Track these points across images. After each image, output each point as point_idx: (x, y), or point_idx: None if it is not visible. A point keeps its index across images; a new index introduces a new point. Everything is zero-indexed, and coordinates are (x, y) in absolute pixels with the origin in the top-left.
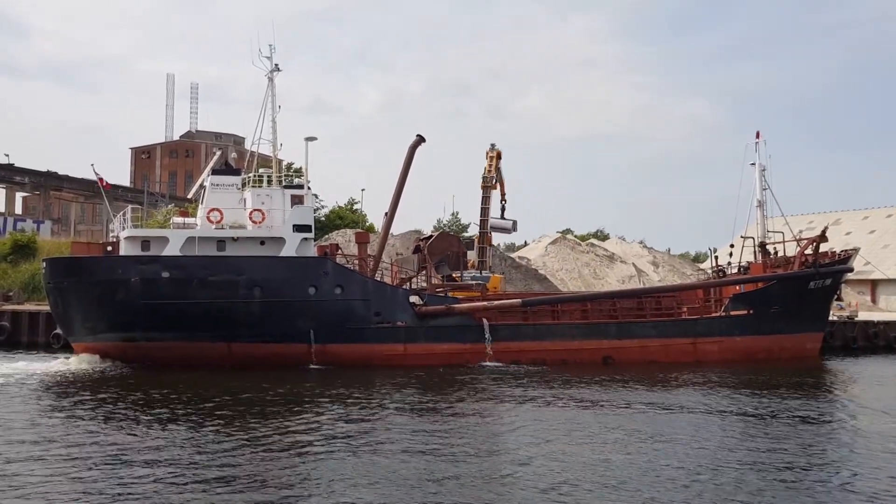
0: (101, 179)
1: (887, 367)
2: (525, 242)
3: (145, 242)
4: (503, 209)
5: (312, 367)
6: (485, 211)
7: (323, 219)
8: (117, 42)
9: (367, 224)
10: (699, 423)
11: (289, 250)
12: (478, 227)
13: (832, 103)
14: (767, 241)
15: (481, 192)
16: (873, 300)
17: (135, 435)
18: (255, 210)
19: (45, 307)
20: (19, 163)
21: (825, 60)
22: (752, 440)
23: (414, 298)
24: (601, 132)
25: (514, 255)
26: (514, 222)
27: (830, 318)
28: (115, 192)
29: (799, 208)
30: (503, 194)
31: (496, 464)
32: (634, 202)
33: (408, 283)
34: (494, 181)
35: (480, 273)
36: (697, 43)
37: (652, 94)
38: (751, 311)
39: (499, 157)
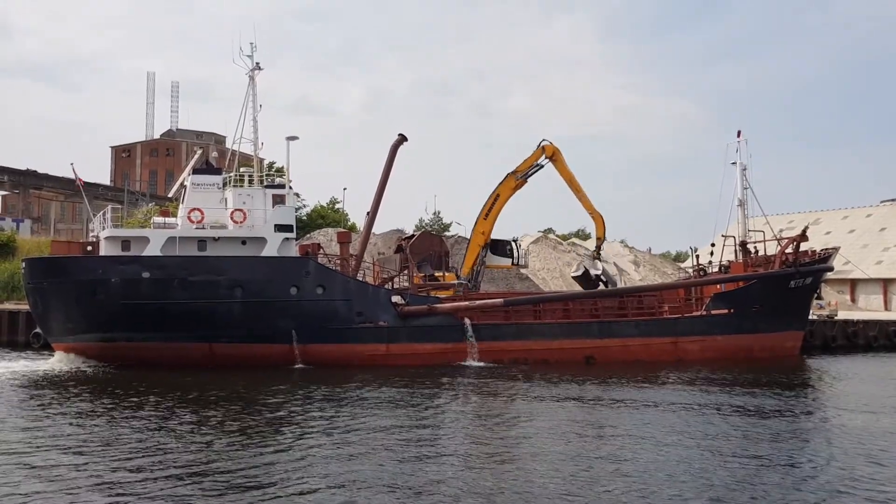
0: (79, 179)
1: (866, 365)
2: None
3: (125, 242)
4: (598, 250)
5: (296, 366)
6: (490, 211)
7: (305, 218)
8: (99, 41)
9: (349, 223)
10: (679, 420)
11: (270, 250)
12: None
13: (814, 103)
14: (748, 241)
15: (496, 186)
16: (853, 299)
17: (109, 433)
18: (236, 210)
19: (25, 306)
20: None
21: (808, 61)
22: (731, 436)
23: (396, 298)
24: (586, 132)
25: None
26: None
27: (810, 317)
28: (95, 190)
29: (779, 208)
30: (600, 236)
31: (476, 461)
32: (617, 202)
33: (390, 283)
34: (521, 179)
35: (470, 281)
36: (682, 44)
37: (637, 95)
38: (732, 310)
39: (544, 153)
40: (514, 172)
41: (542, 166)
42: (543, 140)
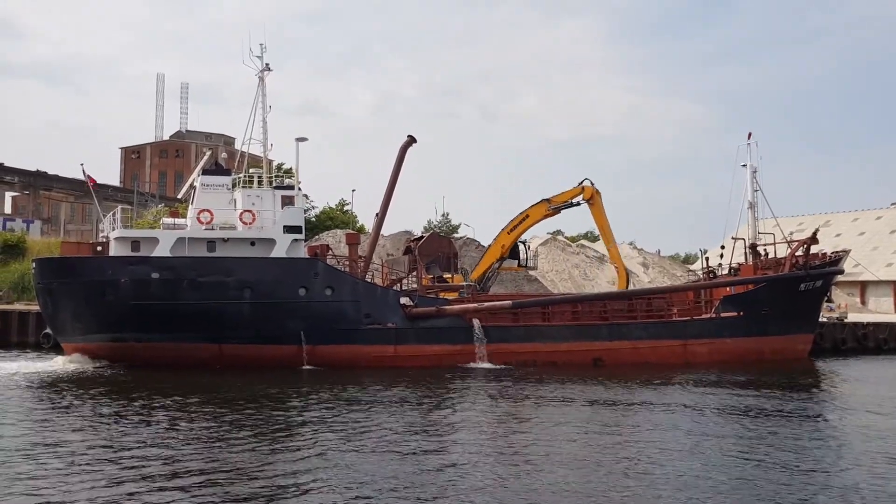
0: (90, 179)
1: (877, 368)
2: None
3: (135, 243)
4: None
5: (304, 367)
6: (515, 228)
7: (313, 219)
8: (107, 43)
9: (358, 225)
10: (693, 423)
11: (279, 251)
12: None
13: (821, 105)
14: (758, 243)
15: (528, 206)
16: (863, 302)
17: (122, 433)
18: (245, 211)
19: (35, 307)
20: (8, 162)
21: (813, 63)
22: (748, 437)
23: (404, 300)
24: (593, 134)
25: None
26: None
27: (820, 319)
28: (105, 191)
29: (789, 210)
30: (620, 273)
31: (490, 464)
32: (625, 204)
33: (398, 285)
34: (552, 210)
35: (478, 284)
36: (687, 46)
37: (642, 97)
38: (741, 313)
39: (579, 194)
40: (548, 200)
41: (579, 204)
42: (585, 180)
